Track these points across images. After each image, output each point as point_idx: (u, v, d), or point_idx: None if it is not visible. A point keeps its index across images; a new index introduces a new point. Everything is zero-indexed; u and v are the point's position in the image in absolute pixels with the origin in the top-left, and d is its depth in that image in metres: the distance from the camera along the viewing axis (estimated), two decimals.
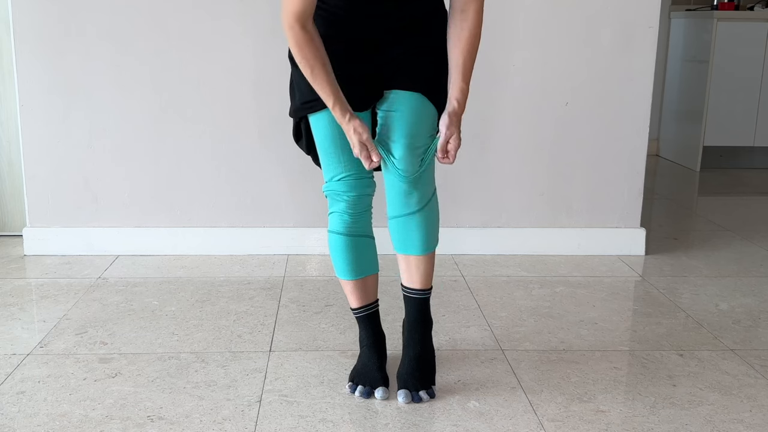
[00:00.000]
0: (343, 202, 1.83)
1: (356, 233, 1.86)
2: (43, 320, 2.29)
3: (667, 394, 1.88)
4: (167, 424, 1.72)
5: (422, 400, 1.83)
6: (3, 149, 3.03)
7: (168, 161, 2.88)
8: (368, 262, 1.91)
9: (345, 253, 1.87)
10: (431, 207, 1.85)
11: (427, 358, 1.89)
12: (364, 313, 1.94)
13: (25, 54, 2.77)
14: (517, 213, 2.99)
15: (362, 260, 1.89)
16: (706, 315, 2.41)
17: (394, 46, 1.73)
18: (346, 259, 1.88)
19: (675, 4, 5.08)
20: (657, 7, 2.86)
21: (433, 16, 1.76)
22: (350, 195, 1.82)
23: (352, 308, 1.94)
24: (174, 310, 2.39)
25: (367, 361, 1.91)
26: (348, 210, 1.84)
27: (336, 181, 1.82)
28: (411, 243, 1.85)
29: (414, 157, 1.76)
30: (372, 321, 1.94)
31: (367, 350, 1.93)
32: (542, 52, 2.88)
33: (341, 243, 1.86)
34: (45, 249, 2.90)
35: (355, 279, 1.90)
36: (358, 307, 1.93)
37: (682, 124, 4.93)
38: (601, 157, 2.97)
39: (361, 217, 1.86)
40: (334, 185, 1.83)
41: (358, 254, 1.88)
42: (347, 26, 1.71)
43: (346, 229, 1.85)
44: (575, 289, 2.62)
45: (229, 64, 2.81)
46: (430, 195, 1.84)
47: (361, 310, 1.93)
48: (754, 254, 3.05)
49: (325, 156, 1.81)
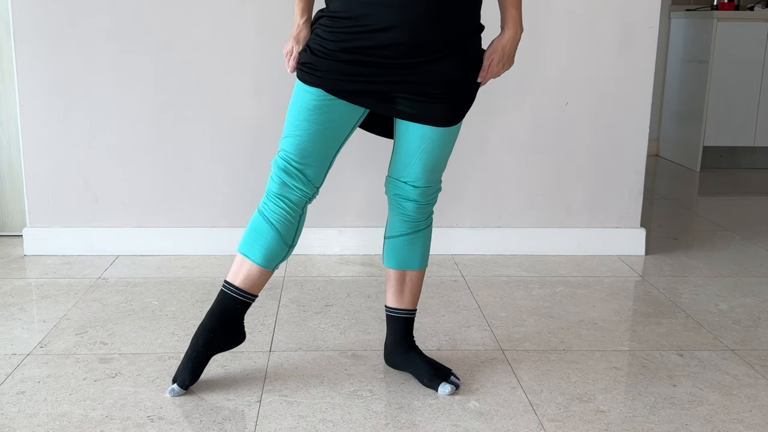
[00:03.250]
0: (276, 185, 1.76)
1: (266, 216, 1.77)
2: (43, 320, 2.29)
3: (667, 394, 1.88)
4: (167, 424, 1.72)
5: (459, 384, 1.88)
6: (3, 149, 3.03)
7: (168, 161, 2.88)
8: (257, 249, 1.78)
9: (248, 226, 1.81)
10: (432, 219, 1.91)
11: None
12: (226, 290, 1.82)
13: (25, 54, 2.77)
14: (517, 213, 2.99)
15: (253, 241, 1.78)
16: (706, 315, 2.41)
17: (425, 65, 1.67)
18: (246, 231, 1.81)
19: (675, 4, 5.08)
20: (657, 7, 2.86)
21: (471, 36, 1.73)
22: (285, 189, 1.75)
23: (225, 279, 1.84)
24: (174, 310, 2.39)
25: (185, 356, 1.85)
26: (277, 196, 1.76)
27: (284, 159, 1.74)
28: (412, 259, 1.90)
29: (437, 169, 1.82)
30: (231, 304, 1.82)
31: (197, 338, 1.84)
32: (542, 52, 2.88)
33: (253, 219, 1.80)
34: (45, 249, 2.90)
35: (240, 252, 1.81)
36: (227, 280, 1.83)
37: (682, 124, 4.93)
38: (601, 157, 2.97)
39: (279, 201, 1.76)
40: (280, 163, 1.75)
41: (254, 231, 1.78)
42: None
43: (262, 206, 1.78)
44: (575, 289, 2.62)
45: (229, 64, 2.81)
46: (434, 205, 1.89)
47: (228, 286, 1.82)
48: (754, 254, 3.05)
49: (289, 125, 1.73)
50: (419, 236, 1.88)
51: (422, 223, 1.87)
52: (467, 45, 1.71)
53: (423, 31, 1.62)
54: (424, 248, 1.90)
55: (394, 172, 1.83)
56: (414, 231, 1.86)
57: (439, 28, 1.63)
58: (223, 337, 1.85)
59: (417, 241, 1.88)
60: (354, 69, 1.66)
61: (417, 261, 1.90)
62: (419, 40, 1.63)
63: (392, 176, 1.83)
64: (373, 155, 2.82)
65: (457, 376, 1.90)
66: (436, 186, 1.83)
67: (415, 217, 1.85)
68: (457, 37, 1.67)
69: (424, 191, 1.81)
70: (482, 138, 2.91)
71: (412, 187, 1.80)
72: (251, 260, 1.80)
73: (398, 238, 1.87)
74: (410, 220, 1.85)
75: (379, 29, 1.62)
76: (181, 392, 1.83)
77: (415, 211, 1.84)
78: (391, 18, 1.61)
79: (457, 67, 1.69)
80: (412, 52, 1.64)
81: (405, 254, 1.89)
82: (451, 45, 1.67)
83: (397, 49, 1.63)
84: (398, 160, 1.81)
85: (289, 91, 2.83)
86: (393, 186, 1.84)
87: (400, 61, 1.65)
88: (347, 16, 1.64)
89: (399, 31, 1.61)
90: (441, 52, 1.66)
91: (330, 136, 1.73)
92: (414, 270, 1.91)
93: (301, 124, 1.72)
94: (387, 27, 1.62)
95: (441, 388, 1.86)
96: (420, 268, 1.92)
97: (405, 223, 1.86)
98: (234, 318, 1.85)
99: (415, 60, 1.65)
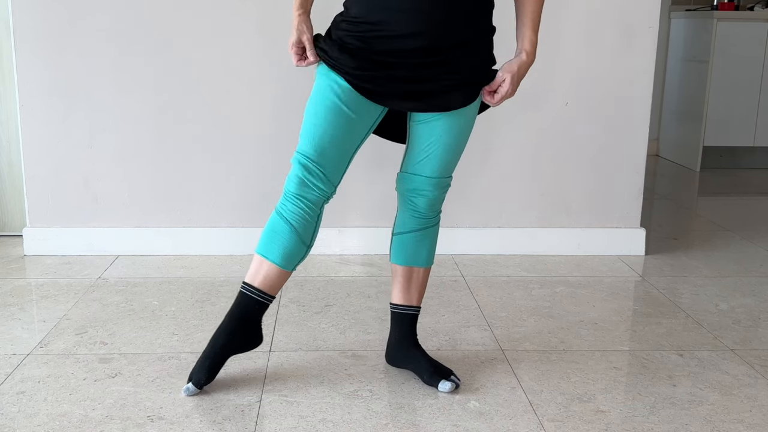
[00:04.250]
0: (293, 185, 1.77)
1: (284, 216, 1.78)
2: (43, 320, 2.29)
3: (667, 394, 1.88)
4: (167, 424, 1.72)
5: (459, 384, 1.89)
6: (3, 149, 3.03)
7: (168, 161, 2.88)
8: (275, 249, 1.79)
9: (266, 227, 1.82)
10: (440, 218, 1.94)
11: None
12: (245, 291, 1.84)
13: (25, 54, 2.77)
14: (517, 213, 2.99)
15: (271, 241, 1.79)
16: (706, 315, 2.41)
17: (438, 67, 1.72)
18: (263, 232, 1.82)
19: (675, 4, 5.09)
20: (657, 8, 2.86)
21: (482, 36, 1.76)
22: (302, 191, 1.77)
23: (244, 280, 1.86)
24: (174, 310, 2.39)
25: (202, 355, 1.87)
26: (295, 197, 1.78)
27: (303, 157, 1.75)
28: (420, 256, 1.93)
29: (451, 162, 1.84)
30: (249, 304, 1.83)
31: (216, 337, 1.86)
32: (542, 52, 2.87)
33: (271, 220, 1.81)
34: (45, 249, 2.90)
35: (258, 253, 1.82)
36: (246, 281, 1.84)
37: (682, 124, 4.93)
38: (601, 157, 2.97)
39: (297, 202, 1.77)
40: (301, 160, 1.76)
41: (272, 232, 1.79)
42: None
43: (280, 206, 1.79)
44: (575, 289, 2.62)
45: (229, 64, 2.81)
46: (443, 202, 1.91)
47: (246, 286, 1.83)
48: (754, 254, 3.05)
49: (309, 123, 1.75)
50: (428, 233, 1.91)
51: (431, 221, 1.90)
52: (480, 46, 1.76)
53: (437, 37, 1.67)
54: (431, 245, 1.93)
55: (410, 167, 1.85)
56: (423, 228, 1.89)
57: (452, 33, 1.68)
58: (243, 338, 1.87)
59: (425, 238, 1.91)
60: (375, 71, 1.70)
61: (424, 258, 1.93)
62: (433, 46, 1.68)
63: (407, 171, 1.85)
64: (372, 155, 2.82)
65: (457, 377, 1.91)
66: (448, 179, 1.86)
67: (425, 213, 1.88)
68: (470, 38, 1.72)
69: (438, 182, 1.84)
70: (482, 138, 2.91)
71: (428, 179, 1.83)
72: (270, 260, 1.81)
73: (407, 235, 1.90)
74: (420, 216, 1.88)
75: (396, 35, 1.67)
76: (195, 391, 1.84)
77: (427, 208, 1.87)
78: (408, 25, 1.66)
79: (469, 65, 1.74)
80: (427, 55, 1.69)
81: (413, 251, 1.91)
82: (464, 46, 1.71)
83: (413, 53, 1.68)
84: (416, 155, 1.83)
85: (290, 90, 2.85)
86: (407, 181, 1.85)
87: (418, 61, 1.69)
88: (366, 21, 1.69)
89: (415, 38, 1.66)
90: (455, 52, 1.71)
91: (350, 136, 1.77)
92: (421, 267, 1.94)
93: (322, 123, 1.74)
94: (405, 34, 1.66)
95: (441, 385, 1.87)
96: (427, 265, 1.95)
97: (415, 220, 1.89)
98: (253, 319, 1.86)
99: (432, 60, 1.69)
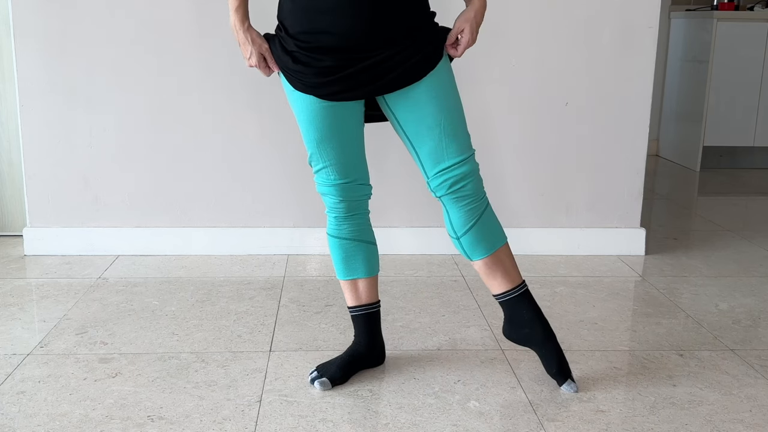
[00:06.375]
0: (330, 201, 1.89)
1: (344, 236, 1.91)
2: (43, 320, 2.29)
3: (667, 394, 1.88)
4: (167, 424, 1.72)
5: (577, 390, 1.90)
6: (3, 149, 3.03)
7: (168, 161, 2.88)
8: (358, 266, 1.94)
9: (333, 254, 1.95)
10: (487, 198, 1.88)
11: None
12: (353, 313, 1.99)
13: (25, 54, 2.77)
14: (517, 213, 2.99)
15: (351, 263, 1.93)
16: (706, 315, 2.41)
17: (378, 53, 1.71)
18: (334, 259, 1.95)
19: (675, 4, 5.09)
20: (657, 7, 2.86)
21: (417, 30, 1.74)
22: (334, 199, 1.87)
23: (347, 306, 2.00)
24: (174, 310, 2.39)
25: (338, 356, 1.98)
26: (334, 211, 1.89)
27: (322, 175, 1.85)
28: (495, 237, 1.86)
29: (462, 129, 1.79)
30: (361, 321, 1.98)
31: (349, 347, 2.00)
32: (542, 52, 2.88)
33: (331, 244, 1.94)
34: (45, 249, 2.90)
35: (344, 279, 1.96)
36: (349, 306, 1.99)
37: (682, 124, 4.93)
38: (601, 157, 2.97)
39: (349, 220, 1.90)
40: (322, 180, 1.86)
41: (346, 257, 1.93)
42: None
43: (334, 231, 1.92)
44: (575, 289, 2.62)
45: (230, 64, 2.81)
46: (479, 175, 1.85)
47: (351, 310, 1.99)
48: (754, 254, 3.05)
49: (308, 143, 1.83)
50: (487, 216, 1.85)
51: (483, 202, 1.84)
52: (420, 20, 1.74)
53: (361, 36, 1.68)
54: (496, 223, 1.87)
55: (434, 166, 1.79)
56: (480, 215, 1.83)
57: (378, 31, 1.68)
58: (375, 354, 1.99)
59: (488, 221, 1.85)
60: (332, 74, 1.70)
61: (499, 236, 1.87)
62: (374, 31, 1.68)
63: (435, 173, 1.79)
64: (372, 156, 2.82)
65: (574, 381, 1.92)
66: (471, 156, 1.81)
67: (475, 195, 1.81)
68: (403, 33, 1.71)
69: (467, 160, 1.79)
70: (482, 138, 2.91)
71: (458, 163, 1.78)
72: (359, 278, 1.94)
73: (472, 230, 1.84)
74: (472, 203, 1.81)
75: (335, 33, 1.67)
76: (329, 386, 1.89)
77: (474, 189, 1.81)
78: (343, 22, 1.67)
79: (413, 37, 1.73)
80: (371, 42, 1.69)
81: (487, 237, 1.85)
82: (403, 22, 1.71)
83: (343, 51, 1.69)
84: (429, 154, 1.79)
85: None
86: (441, 179, 1.79)
87: (363, 55, 1.69)
88: (304, 31, 1.70)
89: (354, 31, 1.67)
90: (397, 32, 1.70)
91: (350, 137, 1.80)
92: (502, 245, 1.87)
93: (326, 147, 1.80)
94: (342, 32, 1.67)
95: (569, 387, 1.89)
96: (505, 240, 1.88)
97: (470, 213, 1.82)
98: (378, 332, 2.00)
99: (375, 45, 1.69)
